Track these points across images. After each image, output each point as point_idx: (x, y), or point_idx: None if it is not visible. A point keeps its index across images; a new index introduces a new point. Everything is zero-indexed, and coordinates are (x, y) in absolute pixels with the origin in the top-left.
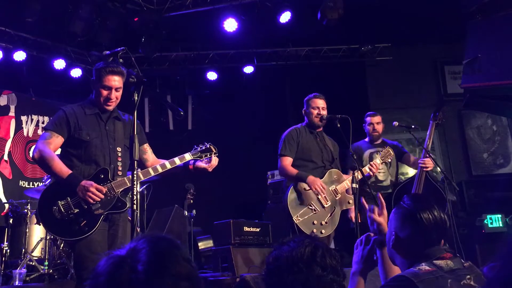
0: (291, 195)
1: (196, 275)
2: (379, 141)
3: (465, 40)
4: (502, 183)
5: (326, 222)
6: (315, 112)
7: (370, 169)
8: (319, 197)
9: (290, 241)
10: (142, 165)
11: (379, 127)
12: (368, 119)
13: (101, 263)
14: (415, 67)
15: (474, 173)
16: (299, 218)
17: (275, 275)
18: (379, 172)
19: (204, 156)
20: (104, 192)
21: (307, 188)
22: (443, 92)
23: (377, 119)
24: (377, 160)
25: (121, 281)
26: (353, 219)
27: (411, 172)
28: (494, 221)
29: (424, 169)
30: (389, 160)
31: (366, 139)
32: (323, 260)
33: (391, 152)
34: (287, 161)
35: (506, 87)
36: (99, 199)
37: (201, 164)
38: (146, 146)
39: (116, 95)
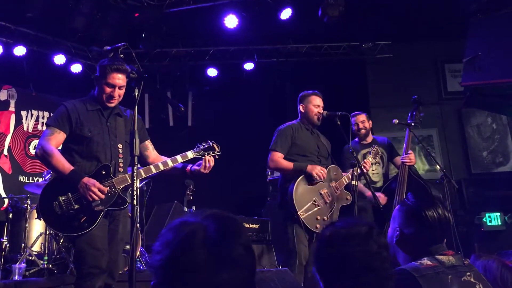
0: (296, 190)
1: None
2: (368, 140)
3: (466, 38)
4: (501, 181)
5: (327, 218)
6: (316, 110)
7: (364, 167)
8: (322, 192)
9: (341, 221)
10: (144, 161)
11: (366, 125)
12: (352, 120)
13: (171, 227)
14: (416, 65)
15: (474, 171)
16: (303, 213)
17: (331, 246)
18: (373, 173)
19: (207, 155)
20: (106, 192)
21: (311, 183)
22: (443, 90)
23: (361, 118)
24: (369, 158)
25: (195, 242)
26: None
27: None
28: (493, 219)
29: (407, 164)
30: (378, 159)
31: (356, 139)
32: (378, 238)
33: (379, 150)
34: (278, 155)
35: (506, 85)
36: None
37: (197, 168)
38: (148, 143)
39: (119, 93)
